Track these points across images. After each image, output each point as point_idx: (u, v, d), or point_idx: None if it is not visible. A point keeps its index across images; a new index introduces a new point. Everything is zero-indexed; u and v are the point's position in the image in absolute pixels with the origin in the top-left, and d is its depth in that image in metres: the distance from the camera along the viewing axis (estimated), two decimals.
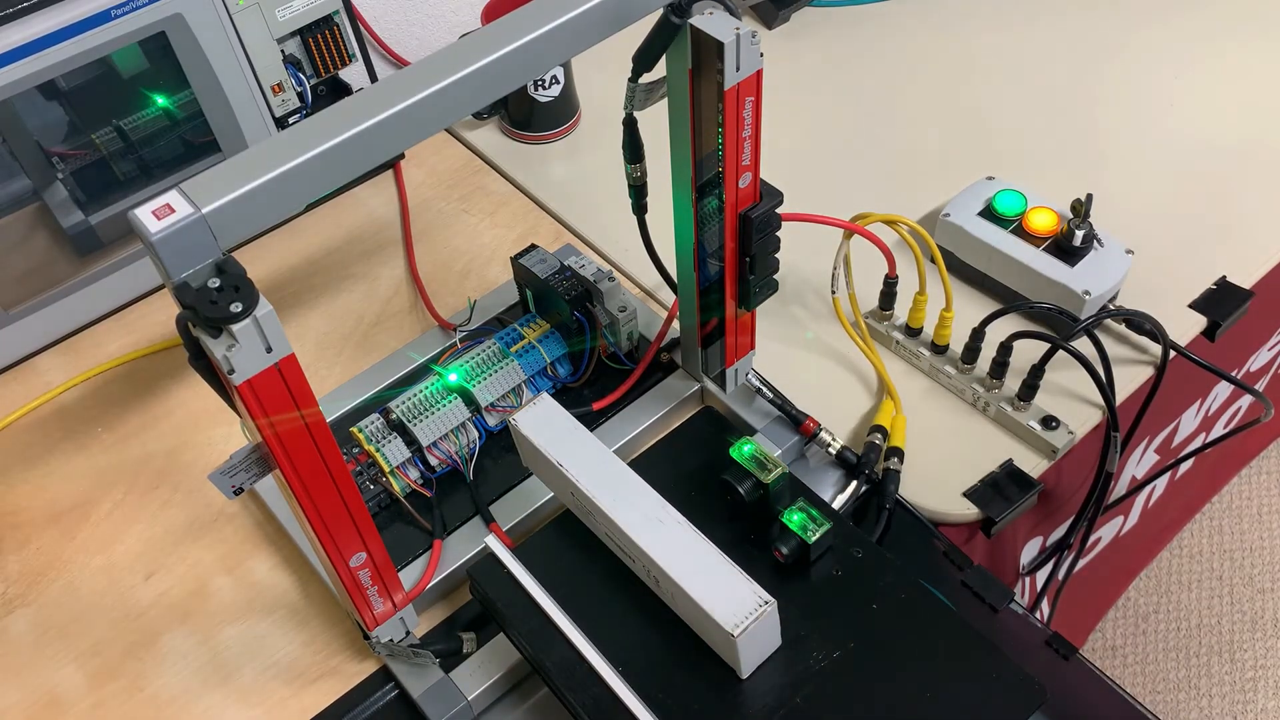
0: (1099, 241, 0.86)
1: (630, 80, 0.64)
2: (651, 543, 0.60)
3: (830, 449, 0.78)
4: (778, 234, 0.70)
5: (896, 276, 0.84)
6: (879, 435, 0.79)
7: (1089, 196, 0.84)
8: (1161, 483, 1.29)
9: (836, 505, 0.77)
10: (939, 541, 0.75)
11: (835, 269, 0.84)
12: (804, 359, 0.88)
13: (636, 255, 0.90)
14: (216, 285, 0.47)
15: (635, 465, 0.64)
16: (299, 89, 0.94)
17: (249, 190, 0.47)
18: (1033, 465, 0.79)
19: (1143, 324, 0.83)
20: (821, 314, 0.91)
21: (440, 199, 1.04)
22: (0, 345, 0.90)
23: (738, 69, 0.59)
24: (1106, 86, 1.10)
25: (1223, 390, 1.17)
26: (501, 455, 0.79)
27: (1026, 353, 0.79)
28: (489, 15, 1.08)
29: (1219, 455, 1.50)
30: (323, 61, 0.94)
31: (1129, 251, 0.86)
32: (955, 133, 1.07)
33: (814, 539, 0.63)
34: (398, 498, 0.76)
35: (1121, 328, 0.87)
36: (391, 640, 0.69)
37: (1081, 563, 1.13)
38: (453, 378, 0.77)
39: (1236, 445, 1.55)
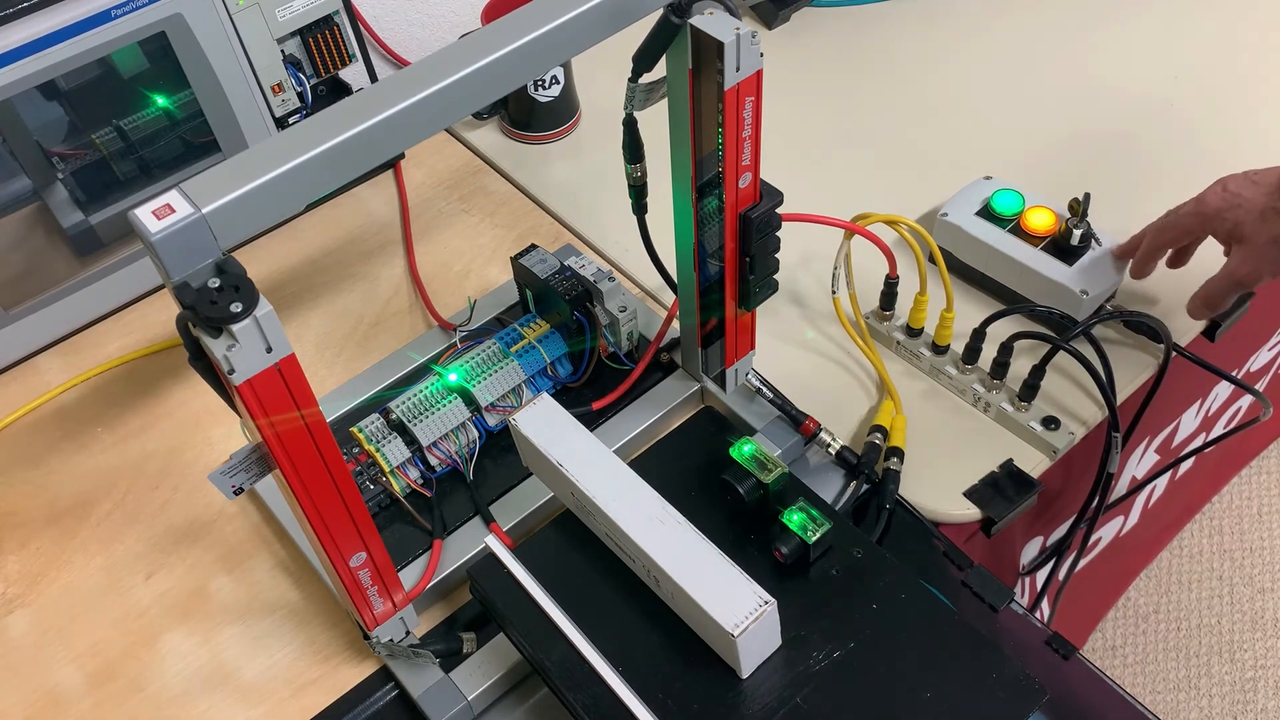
0: (1097, 241, 0.86)
1: (630, 80, 0.64)
2: (651, 543, 0.60)
3: (830, 449, 0.78)
4: (778, 234, 0.70)
5: (897, 277, 0.84)
6: (879, 435, 0.79)
7: (1086, 196, 0.84)
8: (1161, 483, 1.29)
9: (836, 505, 0.77)
10: (939, 541, 0.75)
11: (836, 269, 0.84)
12: (804, 359, 0.88)
13: (636, 255, 0.90)
14: (216, 285, 0.47)
15: (635, 465, 0.64)
16: (299, 89, 0.94)
17: (249, 190, 0.47)
18: (1033, 465, 0.79)
19: (1144, 324, 0.83)
20: (821, 314, 0.91)
21: (440, 199, 1.04)
22: (0, 345, 0.90)
23: (738, 69, 0.59)
24: (1105, 86, 1.09)
25: (1223, 390, 1.17)
26: (501, 455, 0.79)
27: (1027, 353, 0.79)
28: (489, 15, 1.08)
29: (1219, 455, 1.50)
30: (323, 61, 0.94)
31: None
32: (954, 132, 1.07)
33: (814, 539, 0.63)
34: (398, 498, 0.76)
35: (1122, 328, 0.87)
36: (391, 640, 0.69)
37: (1081, 563, 1.13)
38: (453, 378, 0.77)
39: (1236, 445, 1.55)
